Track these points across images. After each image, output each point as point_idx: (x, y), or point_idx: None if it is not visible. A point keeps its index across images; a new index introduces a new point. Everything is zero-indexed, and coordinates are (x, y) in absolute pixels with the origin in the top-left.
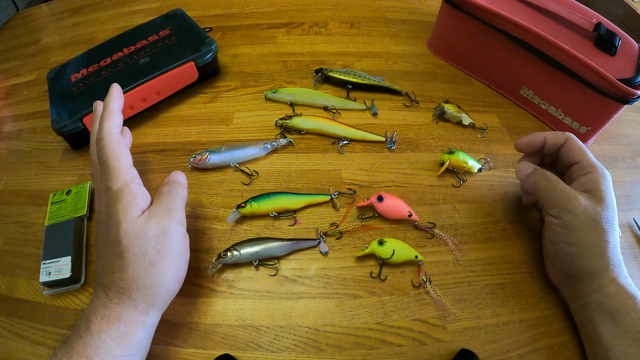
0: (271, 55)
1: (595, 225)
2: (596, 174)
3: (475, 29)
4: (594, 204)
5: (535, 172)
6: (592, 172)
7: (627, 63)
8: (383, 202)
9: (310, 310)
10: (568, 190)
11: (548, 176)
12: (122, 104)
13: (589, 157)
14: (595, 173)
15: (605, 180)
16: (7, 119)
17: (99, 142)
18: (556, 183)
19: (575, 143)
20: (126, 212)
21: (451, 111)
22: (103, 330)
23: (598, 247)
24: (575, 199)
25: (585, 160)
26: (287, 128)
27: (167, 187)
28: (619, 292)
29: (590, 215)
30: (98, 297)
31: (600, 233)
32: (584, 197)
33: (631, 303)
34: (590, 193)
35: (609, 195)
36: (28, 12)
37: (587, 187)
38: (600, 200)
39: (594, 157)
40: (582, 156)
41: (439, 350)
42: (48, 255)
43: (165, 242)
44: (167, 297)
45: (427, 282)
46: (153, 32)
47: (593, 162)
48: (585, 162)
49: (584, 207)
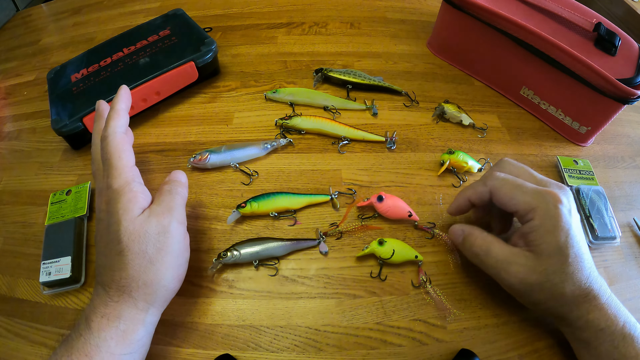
0: (271, 55)
1: (539, 288)
2: (537, 219)
3: (475, 29)
4: (533, 266)
5: (464, 242)
6: (532, 219)
7: (627, 63)
8: (383, 202)
9: (310, 310)
10: (501, 257)
11: (476, 252)
12: (130, 105)
13: (523, 201)
14: (535, 219)
15: (545, 223)
16: (7, 119)
17: (103, 140)
18: (485, 258)
19: (500, 192)
20: (127, 211)
21: (451, 111)
22: (103, 329)
23: (552, 302)
24: (504, 271)
25: (519, 208)
26: (287, 128)
27: (168, 186)
28: (588, 325)
29: (531, 281)
30: (98, 296)
31: (548, 290)
32: (518, 264)
33: (603, 335)
34: (529, 249)
35: (554, 241)
36: (28, 12)
37: (526, 240)
38: (540, 257)
39: (534, 189)
40: (514, 205)
41: (439, 350)
42: (48, 255)
43: (166, 240)
44: (167, 296)
45: (427, 282)
46: (153, 32)
47: (530, 204)
48: (520, 210)
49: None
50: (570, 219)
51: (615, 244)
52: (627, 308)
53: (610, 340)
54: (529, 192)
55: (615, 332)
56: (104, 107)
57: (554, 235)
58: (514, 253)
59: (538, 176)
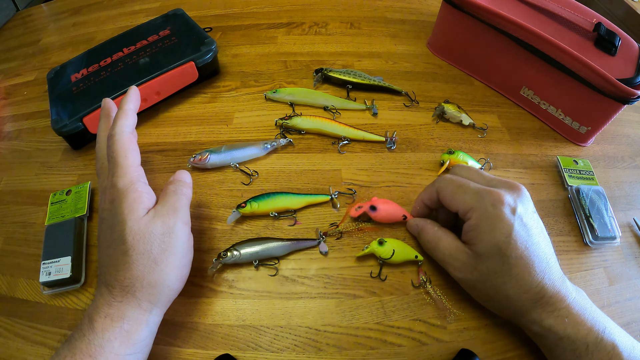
0: (271, 55)
1: (481, 287)
2: (473, 219)
3: (475, 29)
4: (473, 264)
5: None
6: (470, 218)
7: (627, 63)
8: (377, 211)
9: (310, 310)
10: (447, 252)
11: (427, 246)
12: (138, 105)
13: (462, 201)
14: (472, 219)
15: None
16: (7, 119)
17: (110, 139)
18: (434, 251)
19: (444, 192)
20: (132, 211)
21: (451, 111)
22: (107, 329)
23: (496, 304)
24: (450, 266)
25: (459, 207)
26: (287, 128)
27: (173, 187)
28: (544, 333)
29: (473, 278)
30: (101, 296)
31: (491, 290)
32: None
33: (563, 344)
34: (469, 247)
35: (489, 241)
36: (28, 12)
37: (466, 238)
38: (478, 256)
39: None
40: (455, 204)
41: (439, 350)
42: (48, 255)
43: (170, 241)
44: (171, 296)
45: (427, 282)
46: (153, 32)
47: (468, 205)
48: (460, 210)
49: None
50: (513, 219)
51: (615, 244)
52: (627, 308)
53: (572, 349)
54: (469, 192)
55: (577, 341)
56: (111, 105)
57: (491, 235)
58: (458, 249)
59: (489, 177)
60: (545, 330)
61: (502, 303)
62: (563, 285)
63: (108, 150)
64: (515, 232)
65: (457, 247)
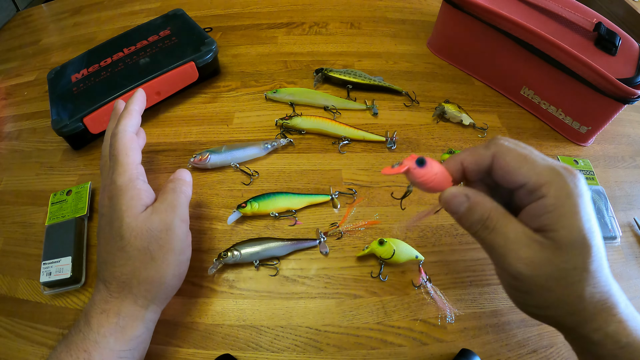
0: (271, 55)
1: (552, 286)
2: (551, 197)
3: (476, 29)
4: (549, 257)
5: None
6: (544, 196)
7: (627, 63)
8: (426, 167)
9: (310, 310)
10: (512, 237)
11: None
12: (143, 107)
13: (535, 172)
14: (549, 197)
15: (564, 201)
16: (7, 119)
17: (113, 137)
18: (492, 234)
19: (506, 159)
20: (129, 207)
21: (451, 111)
22: (102, 325)
23: (565, 306)
24: (513, 255)
25: (529, 180)
26: (287, 128)
27: (172, 185)
28: (606, 341)
29: (544, 275)
30: (99, 292)
31: (564, 290)
32: (533, 250)
33: (624, 353)
34: (544, 235)
35: (576, 227)
36: (28, 12)
37: (539, 224)
38: (558, 247)
39: (546, 163)
40: (522, 175)
41: (439, 350)
42: (48, 256)
43: (168, 238)
44: (168, 293)
45: (428, 282)
46: (153, 32)
47: (542, 177)
48: (530, 183)
49: (533, 270)
50: (591, 202)
51: (616, 244)
52: None
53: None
54: (540, 163)
55: (638, 351)
56: (121, 107)
57: (577, 220)
58: (529, 236)
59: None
60: (607, 339)
61: (570, 307)
62: (616, 284)
63: (110, 148)
64: (594, 218)
65: (527, 233)
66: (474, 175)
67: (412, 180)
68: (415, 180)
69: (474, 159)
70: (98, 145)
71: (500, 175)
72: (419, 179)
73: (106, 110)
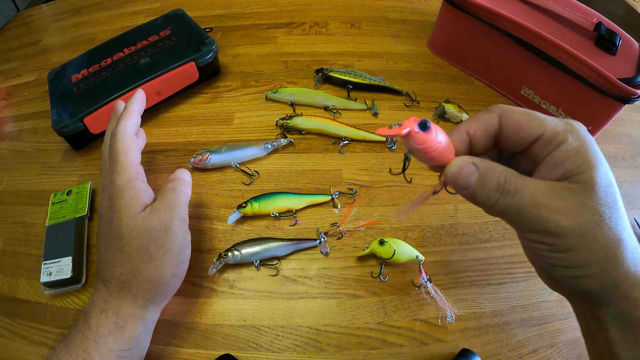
0: (272, 55)
1: (595, 232)
2: (571, 142)
3: (476, 29)
4: (584, 200)
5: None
6: (564, 141)
7: (627, 62)
8: (429, 131)
9: (311, 310)
10: (539, 193)
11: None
12: (143, 108)
13: (548, 122)
14: (568, 142)
15: (585, 144)
16: (7, 119)
17: (112, 137)
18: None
19: (514, 116)
20: (128, 207)
21: (452, 111)
22: (102, 324)
23: (610, 256)
24: (548, 209)
25: (545, 129)
26: (287, 128)
27: (172, 184)
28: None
29: (584, 223)
30: (98, 292)
31: (605, 236)
32: (565, 198)
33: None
34: (571, 180)
35: (599, 167)
36: (28, 12)
37: (563, 170)
38: (590, 187)
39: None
40: (536, 127)
41: (439, 350)
42: (49, 256)
43: (167, 237)
44: (167, 293)
45: (428, 282)
46: (153, 33)
47: (557, 126)
48: (548, 132)
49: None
50: None
51: None
52: None
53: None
54: (548, 117)
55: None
56: (121, 107)
57: (599, 159)
58: (554, 186)
59: None
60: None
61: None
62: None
63: (110, 148)
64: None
65: (552, 185)
66: (482, 143)
67: (411, 147)
68: (415, 146)
69: (479, 124)
70: (98, 145)
71: (512, 133)
72: (419, 145)
73: (106, 111)
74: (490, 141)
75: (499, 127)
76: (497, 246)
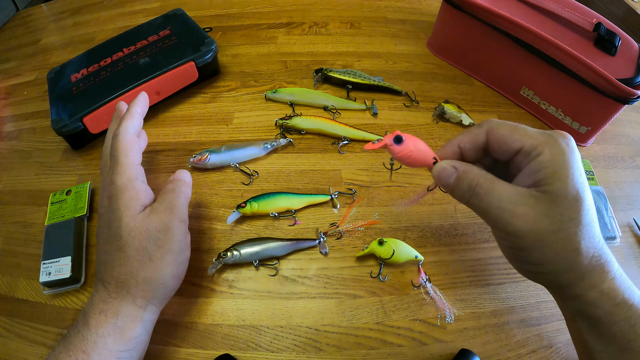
0: (271, 55)
1: (550, 239)
2: (547, 154)
3: (475, 29)
4: (546, 209)
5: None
6: (540, 154)
7: (627, 63)
8: (403, 144)
9: (310, 310)
10: (505, 196)
11: (477, 191)
12: (145, 110)
13: (528, 135)
14: (544, 154)
15: (562, 157)
16: (7, 119)
17: (114, 138)
18: (486, 197)
19: (500, 131)
20: (128, 207)
21: (451, 111)
22: (101, 325)
23: (563, 261)
24: (511, 213)
25: (524, 143)
26: (287, 128)
27: (172, 185)
28: (601, 299)
29: (540, 229)
30: (97, 292)
31: (561, 245)
32: (529, 205)
33: (619, 311)
34: (539, 189)
35: (570, 179)
36: (28, 12)
37: (535, 179)
38: (554, 198)
39: (536, 131)
40: (518, 141)
41: (439, 350)
42: (48, 255)
43: (166, 238)
44: (166, 294)
45: (427, 282)
46: (153, 32)
47: (537, 140)
48: (527, 145)
49: (529, 224)
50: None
51: (615, 244)
52: None
53: (627, 317)
54: (532, 130)
55: (632, 308)
56: (123, 108)
57: (571, 172)
58: (523, 193)
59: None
60: (602, 296)
61: (566, 262)
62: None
63: (111, 148)
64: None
65: (519, 190)
66: (471, 154)
67: (392, 155)
68: (394, 155)
69: (469, 138)
70: (98, 145)
71: (497, 146)
72: (396, 155)
73: (106, 110)
74: (479, 152)
75: (486, 140)
76: (496, 246)
